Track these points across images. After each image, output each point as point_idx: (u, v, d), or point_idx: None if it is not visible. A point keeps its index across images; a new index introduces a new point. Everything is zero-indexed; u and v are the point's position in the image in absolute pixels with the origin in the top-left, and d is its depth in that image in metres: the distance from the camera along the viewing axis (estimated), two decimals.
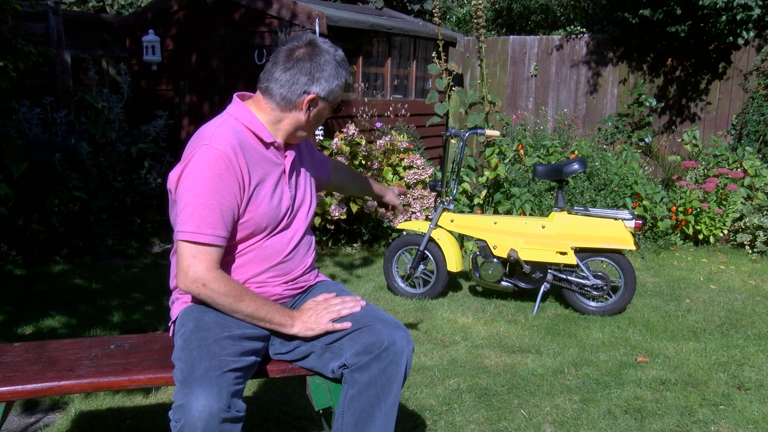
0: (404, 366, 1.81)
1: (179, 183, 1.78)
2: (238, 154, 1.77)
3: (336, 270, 5.05)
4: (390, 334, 1.81)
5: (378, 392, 1.79)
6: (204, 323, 1.79)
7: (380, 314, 1.89)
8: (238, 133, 1.81)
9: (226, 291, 1.76)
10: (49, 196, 5.04)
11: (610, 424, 2.67)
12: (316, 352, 1.89)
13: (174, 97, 6.81)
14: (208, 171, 1.73)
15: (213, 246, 1.74)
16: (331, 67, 1.84)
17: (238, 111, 1.87)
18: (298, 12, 5.99)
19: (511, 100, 8.31)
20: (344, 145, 5.61)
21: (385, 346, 1.79)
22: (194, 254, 1.73)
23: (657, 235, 5.73)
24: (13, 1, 5.00)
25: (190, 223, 1.72)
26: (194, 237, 1.72)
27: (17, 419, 2.66)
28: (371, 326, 1.82)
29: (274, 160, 1.89)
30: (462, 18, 11.76)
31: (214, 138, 1.77)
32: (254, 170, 1.81)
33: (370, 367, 1.79)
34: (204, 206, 1.73)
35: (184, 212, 1.74)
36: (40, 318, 3.82)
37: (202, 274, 1.73)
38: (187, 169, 1.76)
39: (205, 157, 1.74)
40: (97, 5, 10.13)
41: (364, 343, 1.80)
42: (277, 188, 1.88)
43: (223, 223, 1.75)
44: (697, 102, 7.53)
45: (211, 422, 1.56)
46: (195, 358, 1.67)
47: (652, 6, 6.97)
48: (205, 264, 1.73)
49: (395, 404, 1.82)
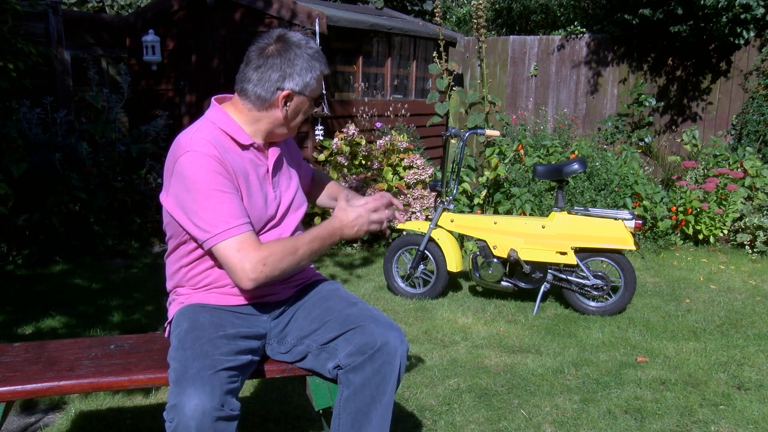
0: (398, 366, 1.81)
1: (178, 199, 1.76)
2: (223, 154, 1.77)
3: (336, 270, 5.05)
4: (383, 334, 1.80)
5: (373, 392, 1.78)
6: (198, 323, 1.80)
7: (374, 314, 1.88)
8: (216, 137, 1.81)
9: (281, 253, 1.75)
10: (49, 196, 5.04)
11: (610, 424, 2.67)
12: (313, 353, 1.88)
13: (174, 97, 6.81)
14: (203, 172, 1.72)
15: (247, 233, 1.74)
16: (302, 61, 1.82)
17: (215, 115, 1.87)
18: (298, 12, 5.99)
19: (511, 100, 8.31)
20: (344, 145, 5.61)
21: (378, 346, 1.78)
22: (238, 248, 1.72)
23: (657, 235, 5.73)
24: (13, 1, 5.00)
25: (215, 224, 1.72)
26: (228, 234, 1.72)
27: (17, 419, 2.66)
28: (364, 326, 1.82)
29: (255, 161, 1.88)
30: (462, 18, 11.77)
31: (194, 143, 1.76)
32: (236, 172, 1.80)
33: (364, 368, 1.78)
34: (218, 203, 1.72)
35: (204, 218, 1.72)
36: (40, 318, 3.82)
37: (255, 258, 1.72)
38: (180, 183, 1.74)
39: (192, 162, 1.73)
40: (97, 5, 10.13)
41: (357, 343, 1.80)
42: (260, 189, 1.87)
43: (241, 208, 1.76)
44: (698, 102, 7.53)
45: (204, 421, 1.56)
46: (188, 357, 1.67)
47: (652, 6, 6.97)
48: (252, 248, 1.72)
49: (390, 404, 1.82)
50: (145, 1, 9.72)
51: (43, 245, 5.08)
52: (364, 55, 6.95)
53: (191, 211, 1.74)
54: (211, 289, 1.90)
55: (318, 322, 1.90)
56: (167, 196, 1.80)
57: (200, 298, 1.91)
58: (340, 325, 1.86)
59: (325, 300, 1.97)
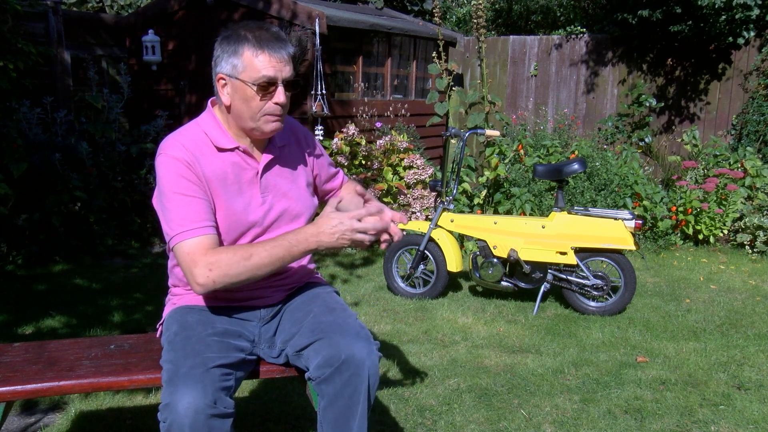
0: (367, 377, 1.74)
1: (156, 200, 1.81)
2: (193, 158, 1.77)
3: (336, 270, 5.05)
4: (347, 346, 1.74)
5: (347, 403, 1.75)
6: (187, 323, 1.81)
7: (343, 324, 1.82)
8: (195, 140, 1.81)
9: (231, 258, 1.69)
10: (49, 196, 5.04)
11: (610, 424, 2.67)
12: (291, 358, 1.87)
13: (174, 97, 6.81)
14: (170, 175, 1.75)
15: (201, 236, 1.72)
16: (229, 43, 1.76)
17: (203, 117, 1.88)
18: (298, 12, 5.99)
19: (511, 100, 8.31)
20: (344, 145, 5.61)
21: (343, 359, 1.73)
22: (188, 251, 1.71)
23: (657, 235, 5.73)
24: (13, 1, 5.00)
25: (173, 227, 1.73)
26: (183, 236, 1.71)
27: (17, 419, 2.66)
28: (330, 338, 1.77)
29: (241, 164, 1.85)
30: (462, 18, 11.77)
31: (167, 146, 1.79)
32: (208, 176, 1.79)
33: (333, 380, 1.74)
34: (177, 206, 1.73)
35: (165, 220, 1.76)
36: (40, 318, 3.82)
37: (202, 262, 1.69)
38: (156, 184, 1.80)
39: (161, 164, 1.77)
40: (97, 5, 10.13)
41: (324, 355, 1.75)
42: (240, 193, 1.84)
43: (202, 212, 1.74)
44: (697, 102, 7.53)
45: (197, 419, 1.55)
46: (179, 357, 1.67)
47: (651, 6, 6.97)
48: (201, 252, 1.70)
49: (365, 413, 1.78)
50: (145, 1, 9.72)
51: (43, 245, 5.07)
52: (364, 55, 6.95)
53: (161, 211, 1.78)
54: None
55: (297, 325, 1.88)
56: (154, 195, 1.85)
57: (192, 299, 1.92)
58: (311, 332, 1.82)
59: (308, 303, 1.95)
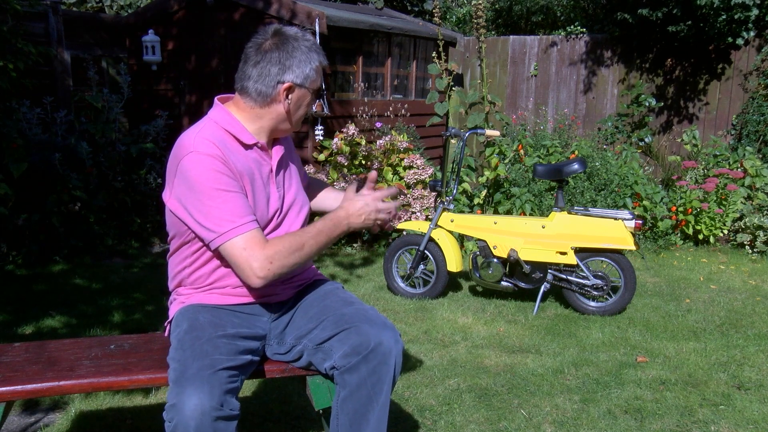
0: (393, 366, 1.80)
1: (182, 200, 1.76)
2: (226, 154, 1.77)
3: (336, 270, 5.05)
4: (377, 335, 1.79)
5: (369, 393, 1.78)
6: (198, 323, 1.80)
7: (369, 314, 1.87)
8: (219, 137, 1.80)
9: (288, 249, 1.74)
10: (49, 196, 5.04)
11: (610, 424, 2.67)
12: (309, 352, 1.88)
13: (174, 97, 6.81)
14: (207, 173, 1.72)
15: (253, 230, 1.74)
16: (300, 53, 1.82)
17: (218, 115, 1.86)
18: (297, 12, 5.99)
19: (511, 100, 8.31)
20: (344, 145, 5.61)
21: (372, 346, 1.77)
22: (244, 246, 1.71)
23: (657, 235, 5.74)
24: (13, 1, 5.00)
25: (221, 224, 1.71)
26: (235, 233, 1.71)
27: (17, 419, 2.66)
28: (358, 327, 1.81)
29: (259, 160, 1.87)
30: (462, 18, 11.77)
31: (197, 144, 1.75)
32: (240, 172, 1.80)
33: (359, 369, 1.78)
34: (222, 202, 1.72)
35: (209, 218, 1.72)
36: (40, 318, 3.82)
37: (262, 256, 1.71)
38: (184, 184, 1.73)
39: (195, 163, 1.72)
40: (97, 5, 10.13)
41: (351, 344, 1.79)
42: (264, 189, 1.86)
43: (246, 206, 1.75)
44: (697, 102, 7.53)
45: (203, 420, 1.56)
46: (188, 357, 1.67)
47: (651, 6, 6.97)
48: (258, 246, 1.72)
49: (387, 404, 1.81)
50: (145, 1, 9.73)
51: (43, 245, 5.07)
52: (364, 55, 6.95)
53: (196, 211, 1.74)
54: (212, 290, 1.90)
55: (315, 321, 1.90)
56: (171, 197, 1.80)
57: (201, 298, 1.91)
58: (334, 324, 1.85)
59: (322, 299, 1.97)
